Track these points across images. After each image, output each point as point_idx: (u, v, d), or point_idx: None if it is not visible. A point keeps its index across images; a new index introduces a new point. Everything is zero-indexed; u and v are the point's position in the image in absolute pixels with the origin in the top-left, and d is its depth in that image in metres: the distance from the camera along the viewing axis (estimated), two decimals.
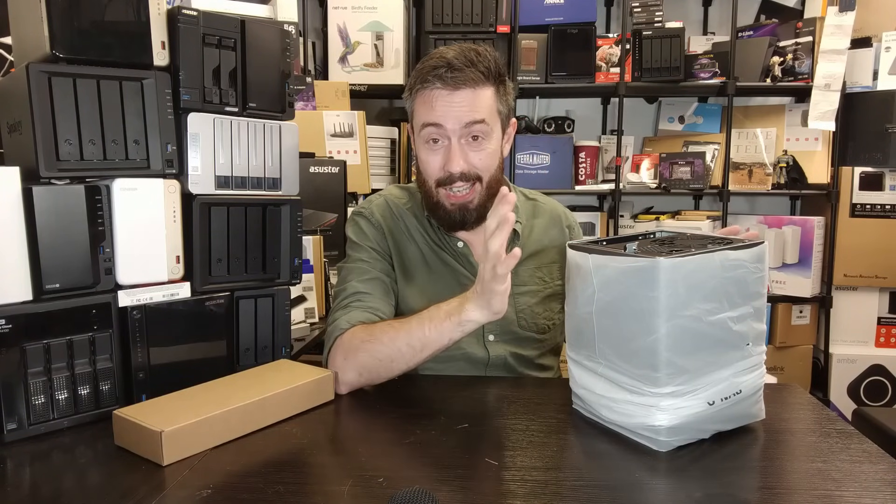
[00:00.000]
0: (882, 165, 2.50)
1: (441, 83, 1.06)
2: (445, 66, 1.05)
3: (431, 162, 1.10)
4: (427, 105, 1.08)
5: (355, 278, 1.14)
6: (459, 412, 0.91)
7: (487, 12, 2.53)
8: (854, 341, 2.63)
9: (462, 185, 1.09)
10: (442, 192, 1.11)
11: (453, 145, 1.07)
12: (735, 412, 0.84)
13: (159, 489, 0.69)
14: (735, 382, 0.82)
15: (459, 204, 1.11)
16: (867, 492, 0.69)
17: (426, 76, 1.07)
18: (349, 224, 1.22)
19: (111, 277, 0.90)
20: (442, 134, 1.07)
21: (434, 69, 1.06)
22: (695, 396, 0.80)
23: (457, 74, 1.05)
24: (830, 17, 2.47)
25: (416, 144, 1.14)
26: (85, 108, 0.86)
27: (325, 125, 2.25)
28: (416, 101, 1.11)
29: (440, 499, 0.63)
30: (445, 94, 1.06)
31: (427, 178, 1.12)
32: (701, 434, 0.82)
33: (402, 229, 1.19)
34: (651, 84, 2.58)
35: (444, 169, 1.09)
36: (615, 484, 0.72)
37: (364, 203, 1.24)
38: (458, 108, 1.06)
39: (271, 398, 0.87)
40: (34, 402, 0.83)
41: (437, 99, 1.06)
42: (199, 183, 0.96)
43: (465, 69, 1.05)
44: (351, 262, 1.17)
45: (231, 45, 0.97)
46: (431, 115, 1.07)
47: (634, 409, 0.81)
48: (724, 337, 0.81)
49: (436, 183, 1.11)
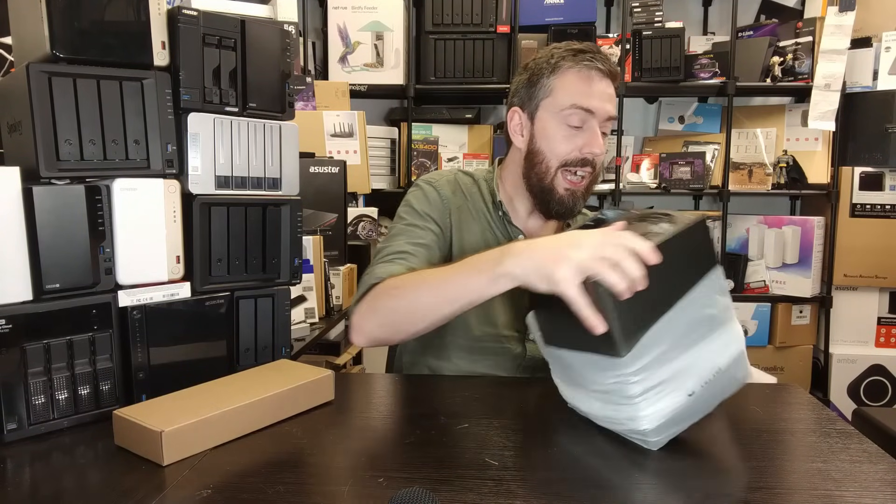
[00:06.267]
0: (882, 165, 2.50)
1: (600, 64, 1.06)
2: (595, 52, 1.06)
3: (567, 142, 1.09)
4: (583, 86, 1.07)
5: (406, 239, 1.10)
6: (459, 412, 0.91)
7: (487, 12, 2.54)
8: (854, 341, 2.64)
9: (587, 171, 1.11)
10: (561, 176, 1.11)
11: (597, 130, 1.08)
12: (721, 387, 0.80)
13: (159, 489, 0.69)
14: (712, 362, 0.78)
15: (573, 190, 1.12)
16: (867, 492, 0.69)
17: (577, 56, 1.07)
18: (413, 190, 1.19)
19: (111, 277, 0.90)
20: (586, 119, 1.08)
21: (585, 52, 1.07)
22: (673, 392, 0.76)
23: (607, 63, 1.06)
24: (830, 17, 2.47)
25: (542, 123, 1.11)
26: (85, 108, 0.86)
27: (325, 125, 2.25)
28: (563, 78, 1.09)
29: (440, 499, 0.63)
30: (601, 80, 1.07)
31: (552, 157, 1.11)
32: (693, 419, 0.79)
33: (468, 209, 1.18)
34: (651, 84, 2.58)
35: (582, 150, 1.09)
36: (615, 484, 0.72)
37: (433, 174, 1.22)
38: (607, 98, 1.08)
39: (271, 398, 0.87)
40: (34, 402, 0.83)
41: (596, 83, 1.07)
42: (199, 183, 0.96)
43: (609, 60, 1.07)
44: (404, 224, 1.13)
45: (231, 45, 0.97)
46: (587, 99, 1.07)
47: (617, 417, 0.79)
48: (689, 319, 0.77)
49: (562, 163, 1.10)
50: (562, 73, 1.09)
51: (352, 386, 1.07)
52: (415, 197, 1.17)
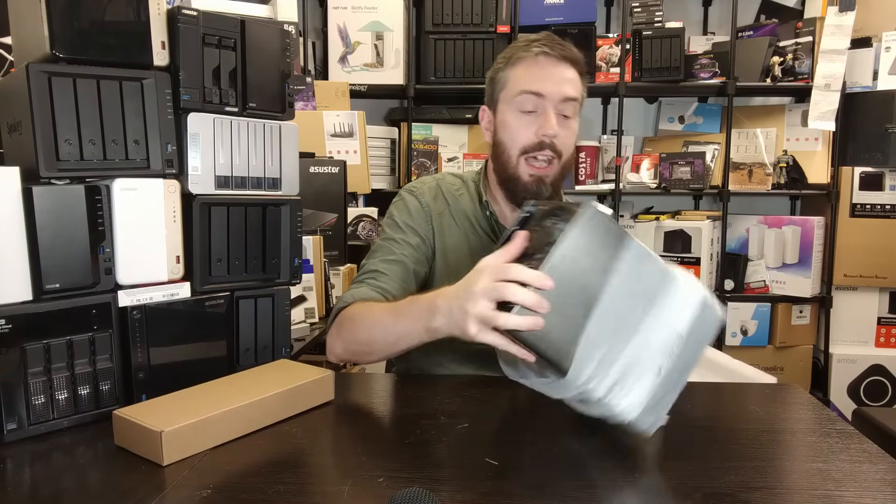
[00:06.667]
0: (882, 165, 2.50)
1: (548, 49, 1.08)
2: (548, 38, 1.09)
3: (523, 129, 1.11)
4: (531, 72, 1.10)
5: (379, 256, 1.15)
6: (459, 412, 0.91)
7: (487, 12, 2.53)
8: (854, 341, 2.64)
9: (546, 156, 1.11)
10: (523, 163, 1.12)
11: (550, 112, 1.09)
12: (693, 348, 0.76)
13: (159, 489, 0.69)
14: (670, 331, 0.74)
15: (538, 176, 1.12)
16: (867, 492, 0.69)
17: (528, 46, 1.09)
18: (396, 200, 1.22)
19: (111, 277, 0.90)
20: (538, 104, 1.09)
21: (537, 40, 1.09)
22: (641, 378, 0.73)
23: (561, 48, 1.08)
24: (830, 17, 2.47)
25: (502, 115, 1.14)
26: (85, 108, 0.86)
27: (325, 125, 2.25)
28: (516, 69, 1.12)
29: (440, 499, 0.63)
30: (551, 63, 1.09)
31: (512, 146, 1.12)
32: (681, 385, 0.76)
33: (450, 214, 1.19)
34: (651, 84, 2.58)
35: (537, 134, 1.09)
36: (615, 483, 0.72)
37: (416, 182, 1.24)
38: (559, 79, 1.09)
39: (271, 398, 0.87)
40: (34, 402, 0.83)
41: (544, 67, 1.09)
42: (199, 183, 0.96)
43: (566, 45, 1.09)
44: (383, 239, 1.18)
45: (231, 45, 0.97)
46: (535, 83, 1.09)
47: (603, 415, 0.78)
48: (618, 306, 0.74)
49: (521, 151, 1.11)
50: (514, 64, 1.12)
51: (352, 386, 1.07)
52: (397, 208, 1.21)
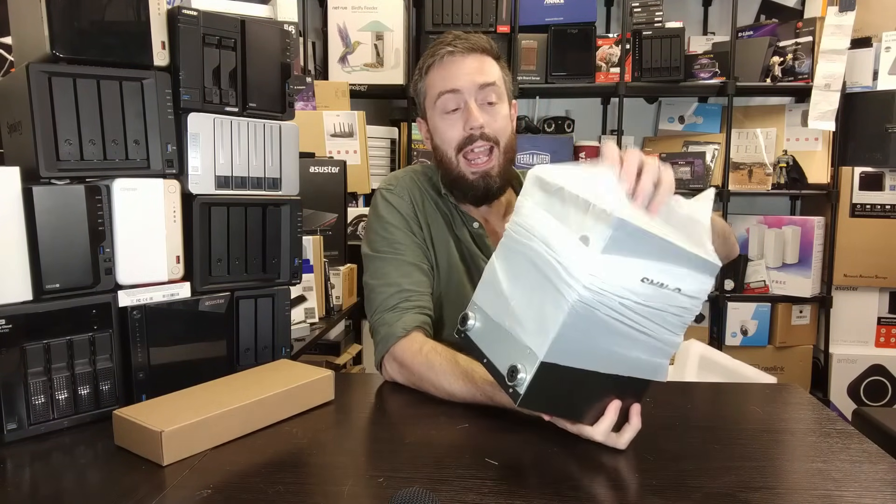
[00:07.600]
0: (882, 165, 2.50)
1: (451, 48, 1.11)
2: (451, 37, 1.12)
3: (450, 129, 1.12)
4: (441, 74, 1.12)
5: (394, 269, 1.10)
6: (459, 412, 0.91)
7: (487, 12, 2.54)
8: (854, 341, 2.64)
9: (482, 147, 1.11)
10: (463, 162, 1.12)
11: (471, 104, 1.10)
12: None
13: (159, 489, 0.69)
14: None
15: (482, 172, 1.12)
16: (867, 492, 0.69)
17: (435, 51, 1.13)
18: (378, 202, 1.17)
19: (111, 277, 0.89)
20: (458, 100, 1.11)
21: (440, 43, 1.13)
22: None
23: (465, 42, 1.11)
24: (830, 17, 2.47)
25: (432, 122, 1.16)
26: (85, 108, 0.86)
27: (325, 125, 2.25)
28: (430, 76, 1.14)
29: (440, 499, 0.63)
30: (457, 60, 1.11)
31: (447, 147, 1.13)
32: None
33: (430, 200, 1.19)
34: (651, 84, 2.58)
35: (465, 129, 1.10)
36: (615, 484, 0.72)
37: (389, 179, 1.20)
38: (470, 70, 1.11)
39: (271, 398, 0.87)
40: (34, 402, 0.83)
41: (450, 65, 1.11)
42: (199, 183, 0.96)
43: (470, 38, 1.12)
44: (386, 246, 1.12)
45: (231, 45, 0.97)
46: (446, 82, 1.11)
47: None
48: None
49: (456, 149, 1.12)
50: (427, 72, 1.15)
51: (352, 386, 1.07)
52: (385, 210, 1.15)
